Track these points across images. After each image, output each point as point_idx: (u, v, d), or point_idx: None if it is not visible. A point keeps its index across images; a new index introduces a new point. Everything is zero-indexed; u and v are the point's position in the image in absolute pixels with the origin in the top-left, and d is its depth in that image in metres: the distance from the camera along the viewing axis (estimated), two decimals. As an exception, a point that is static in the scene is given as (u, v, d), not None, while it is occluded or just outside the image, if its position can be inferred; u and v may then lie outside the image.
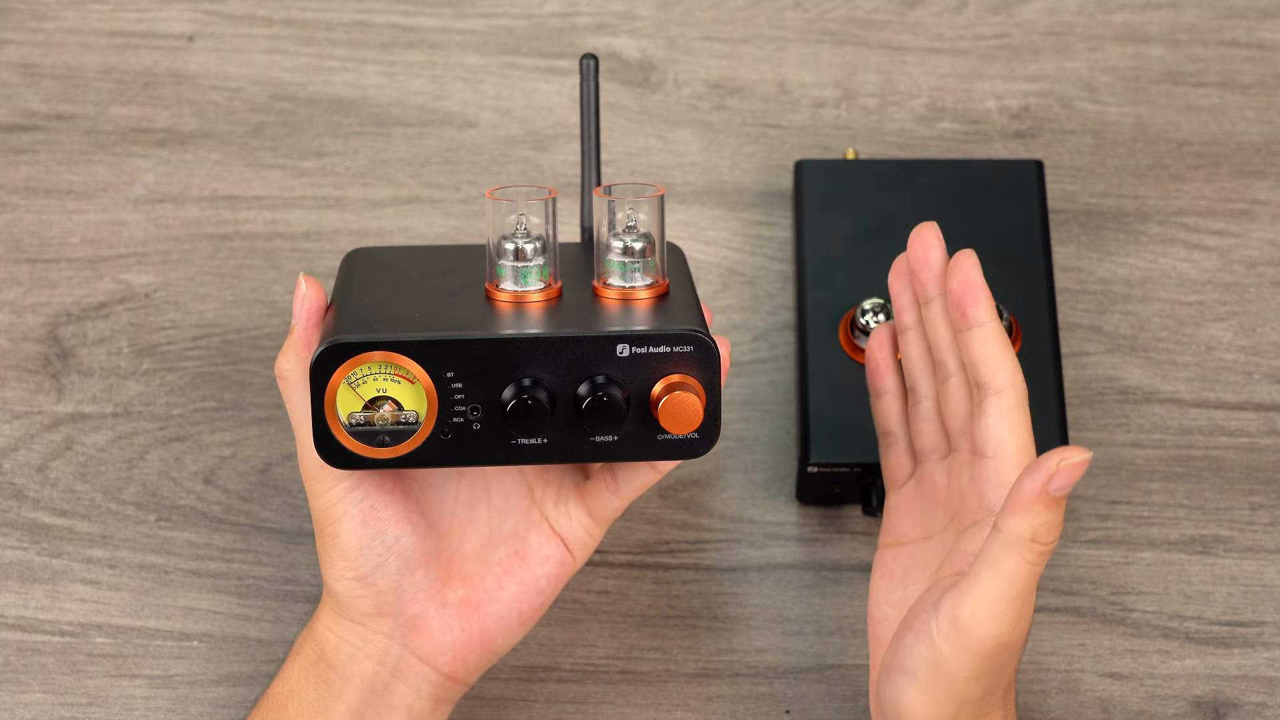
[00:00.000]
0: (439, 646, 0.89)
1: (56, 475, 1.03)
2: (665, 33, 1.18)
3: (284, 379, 0.87)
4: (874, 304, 1.01)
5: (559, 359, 0.83)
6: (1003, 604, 0.82)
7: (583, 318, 0.84)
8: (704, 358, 0.83)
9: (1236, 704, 0.97)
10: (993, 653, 0.82)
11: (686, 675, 0.98)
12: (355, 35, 1.18)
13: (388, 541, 0.87)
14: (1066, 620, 0.99)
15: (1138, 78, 1.16)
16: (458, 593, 0.90)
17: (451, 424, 0.84)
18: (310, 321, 0.86)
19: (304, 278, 0.86)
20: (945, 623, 0.83)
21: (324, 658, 0.89)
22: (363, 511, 0.87)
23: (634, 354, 0.83)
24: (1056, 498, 0.80)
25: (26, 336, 1.08)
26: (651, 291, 0.86)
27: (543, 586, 0.91)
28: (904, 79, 1.16)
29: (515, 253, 0.85)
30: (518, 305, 0.86)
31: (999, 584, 0.82)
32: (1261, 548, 1.01)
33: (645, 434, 0.84)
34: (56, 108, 1.15)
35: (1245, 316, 1.08)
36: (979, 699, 0.84)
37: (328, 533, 0.87)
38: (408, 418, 0.84)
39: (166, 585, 1.00)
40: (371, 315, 0.85)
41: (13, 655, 0.98)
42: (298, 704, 0.89)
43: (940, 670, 0.83)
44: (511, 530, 0.91)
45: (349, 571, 0.87)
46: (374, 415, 0.84)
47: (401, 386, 0.83)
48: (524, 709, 0.97)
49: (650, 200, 0.86)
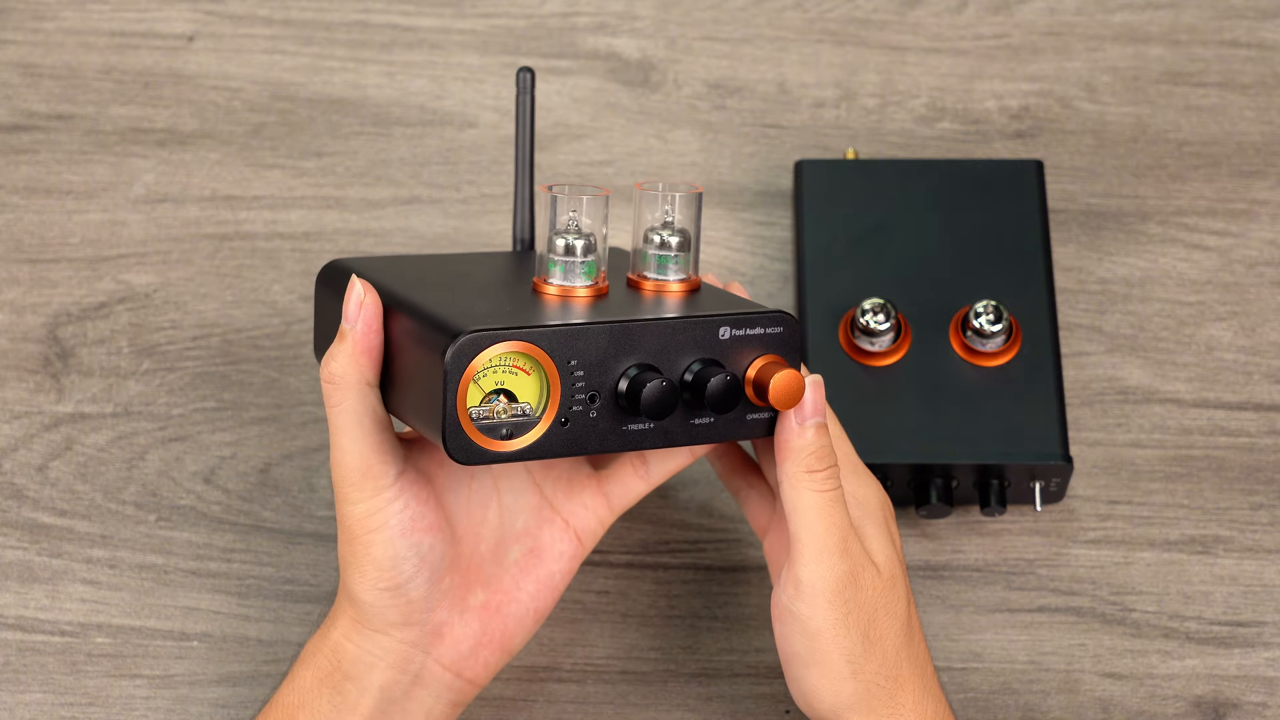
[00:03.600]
0: (462, 652, 0.89)
1: (56, 475, 1.03)
2: (665, 33, 1.18)
3: (338, 384, 0.84)
4: (874, 304, 1.01)
5: (671, 343, 0.84)
6: (821, 540, 0.84)
7: (665, 306, 0.86)
8: (791, 338, 0.86)
9: (1236, 704, 0.97)
10: (839, 591, 0.84)
11: (686, 675, 0.98)
12: (355, 35, 1.18)
13: (422, 551, 0.86)
14: (1066, 620, 0.99)
15: (1138, 78, 1.16)
16: (479, 597, 0.89)
17: (571, 413, 0.84)
18: (371, 326, 0.84)
19: (357, 280, 0.85)
20: (791, 587, 0.85)
21: (340, 668, 0.88)
22: (403, 522, 0.85)
23: (734, 336, 0.85)
24: (814, 425, 0.84)
25: (26, 336, 1.08)
26: (686, 285, 0.88)
27: (557, 583, 0.91)
28: (904, 79, 1.16)
29: (566, 249, 0.87)
30: (569, 300, 0.87)
31: (807, 524, 0.84)
32: (1261, 548, 1.01)
33: (738, 414, 0.86)
34: (56, 108, 1.15)
35: (1245, 316, 1.08)
36: (875, 668, 0.85)
37: (361, 542, 0.85)
38: (523, 409, 0.83)
39: (166, 585, 1.00)
40: (467, 308, 0.84)
41: (13, 655, 0.98)
42: (309, 715, 0.88)
43: (810, 634, 0.84)
44: (523, 528, 0.91)
45: (382, 581, 0.86)
46: (494, 409, 0.83)
47: (518, 378, 0.83)
48: (524, 709, 0.97)
49: (688, 197, 0.88)
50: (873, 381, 1.01)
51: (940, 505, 1.00)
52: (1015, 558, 1.01)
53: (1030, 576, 1.01)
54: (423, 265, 0.93)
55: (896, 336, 1.01)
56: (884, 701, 0.85)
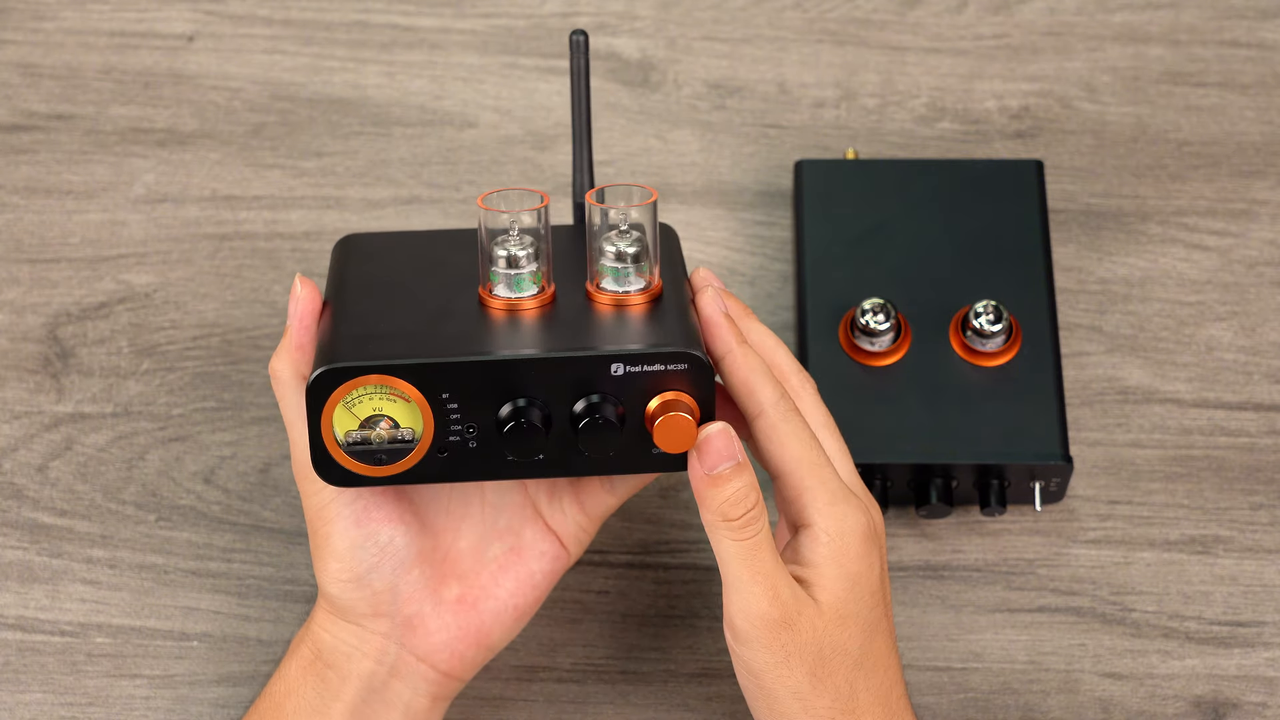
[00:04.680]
0: (436, 644, 0.89)
1: (56, 475, 1.03)
2: (665, 33, 1.18)
3: (277, 380, 0.87)
4: (874, 304, 1.01)
5: (554, 379, 0.83)
6: (746, 589, 0.83)
7: (576, 332, 0.84)
8: (698, 375, 0.83)
9: (1236, 704, 0.97)
10: (773, 636, 0.83)
11: (686, 675, 0.98)
12: (355, 35, 1.18)
13: (381, 542, 0.87)
14: (1066, 620, 0.99)
15: (1138, 78, 1.16)
16: (454, 591, 0.90)
17: (448, 442, 0.84)
18: (304, 323, 0.86)
19: (299, 279, 0.86)
20: (729, 633, 0.84)
21: (321, 657, 0.89)
22: (355, 513, 0.87)
23: (629, 373, 0.83)
24: (720, 474, 0.82)
25: (26, 336, 1.08)
26: (645, 295, 0.86)
27: (538, 582, 0.91)
28: (904, 79, 1.16)
29: (508, 260, 0.85)
30: (511, 313, 0.85)
31: (732, 572, 0.83)
32: (1261, 548, 1.01)
33: (640, 447, 0.85)
34: (56, 108, 1.15)
35: (1245, 316, 1.08)
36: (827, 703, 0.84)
37: (320, 534, 0.87)
38: (404, 435, 0.84)
39: (166, 585, 1.00)
40: (366, 330, 0.85)
41: (13, 655, 0.98)
42: (296, 702, 0.89)
43: (754, 672, 0.84)
44: (506, 526, 0.91)
45: (343, 573, 0.87)
46: (371, 434, 0.84)
47: (397, 405, 0.83)
48: (524, 709, 0.97)
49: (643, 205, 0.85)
50: (873, 381, 1.01)
51: (940, 505, 1.00)
52: (1015, 558, 1.01)
53: (1030, 576, 1.01)
54: (427, 246, 0.92)
55: (896, 336, 1.01)
56: None
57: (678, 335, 0.84)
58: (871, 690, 0.85)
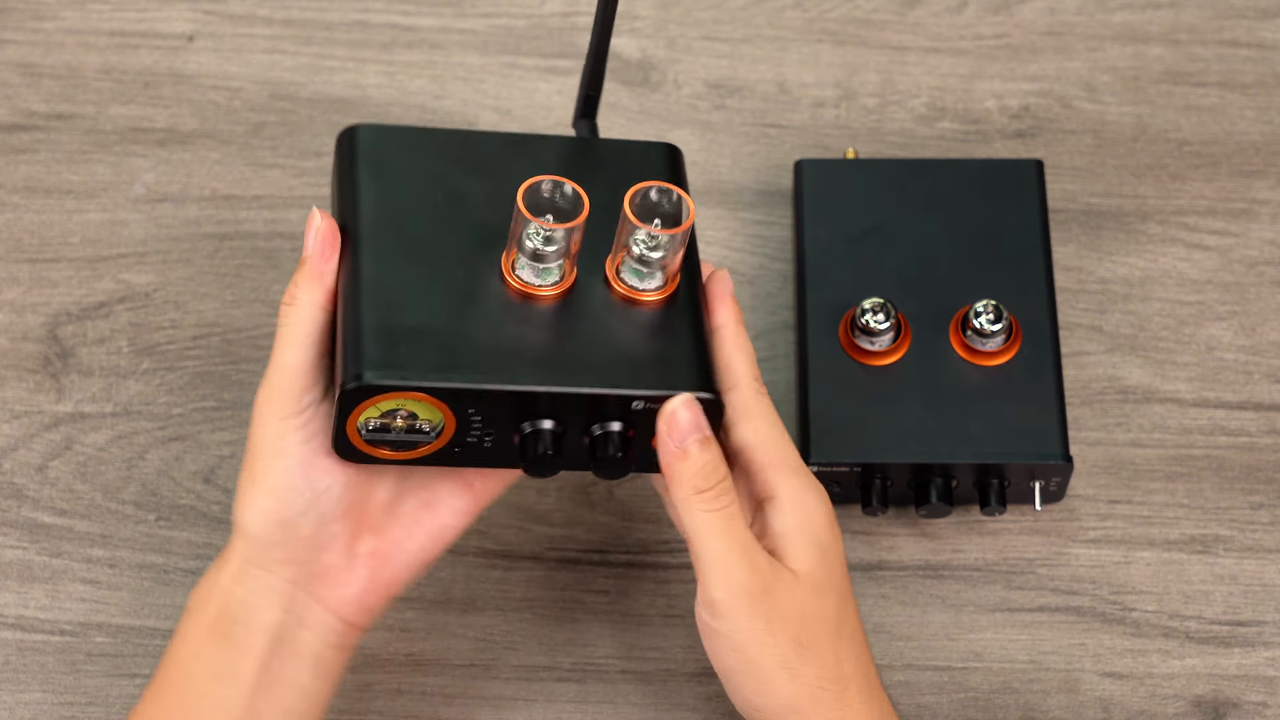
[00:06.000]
0: (346, 596, 0.89)
1: (56, 475, 1.03)
2: (665, 33, 1.18)
3: (292, 305, 0.87)
4: (874, 303, 1.01)
5: (575, 406, 0.86)
6: (723, 559, 0.84)
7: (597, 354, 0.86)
8: (709, 411, 0.86)
9: (1236, 704, 0.97)
10: (754, 604, 0.84)
11: (686, 675, 0.98)
12: (355, 35, 1.18)
13: (318, 488, 0.87)
14: (1066, 620, 0.99)
15: (1138, 78, 1.16)
16: (367, 544, 0.89)
17: (465, 443, 0.87)
18: (324, 253, 0.88)
19: (317, 211, 0.88)
20: (707, 609, 0.85)
21: (227, 612, 0.87)
22: (305, 454, 0.87)
23: (647, 407, 0.86)
24: (688, 448, 0.84)
25: (26, 336, 1.08)
26: (661, 295, 0.88)
27: (449, 536, 0.91)
28: (904, 79, 1.16)
29: (535, 254, 0.87)
30: (530, 300, 0.87)
31: (707, 545, 0.84)
32: (1261, 548, 1.01)
33: (645, 454, 0.87)
34: (56, 108, 1.15)
35: (1245, 316, 1.08)
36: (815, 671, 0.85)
37: (260, 466, 0.87)
38: (423, 427, 0.86)
39: (166, 585, 1.00)
40: (392, 319, 0.85)
41: (13, 655, 0.98)
42: (204, 665, 0.87)
43: (737, 647, 0.85)
44: (421, 481, 0.91)
45: (272, 512, 0.87)
46: (391, 423, 0.86)
47: (421, 404, 0.85)
48: (524, 709, 0.97)
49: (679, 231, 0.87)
50: (873, 381, 1.01)
51: (940, 505, 1.00)
52: (1015, 557, 1.01)
53: (1030, 576, 1.01)
54: (439, 159, 0.92)
55: (896, 336, 1.01)
56: (830, 705, 0.85)
57: (694, 371, 0.86)
58: (852, 660, 0.86)
